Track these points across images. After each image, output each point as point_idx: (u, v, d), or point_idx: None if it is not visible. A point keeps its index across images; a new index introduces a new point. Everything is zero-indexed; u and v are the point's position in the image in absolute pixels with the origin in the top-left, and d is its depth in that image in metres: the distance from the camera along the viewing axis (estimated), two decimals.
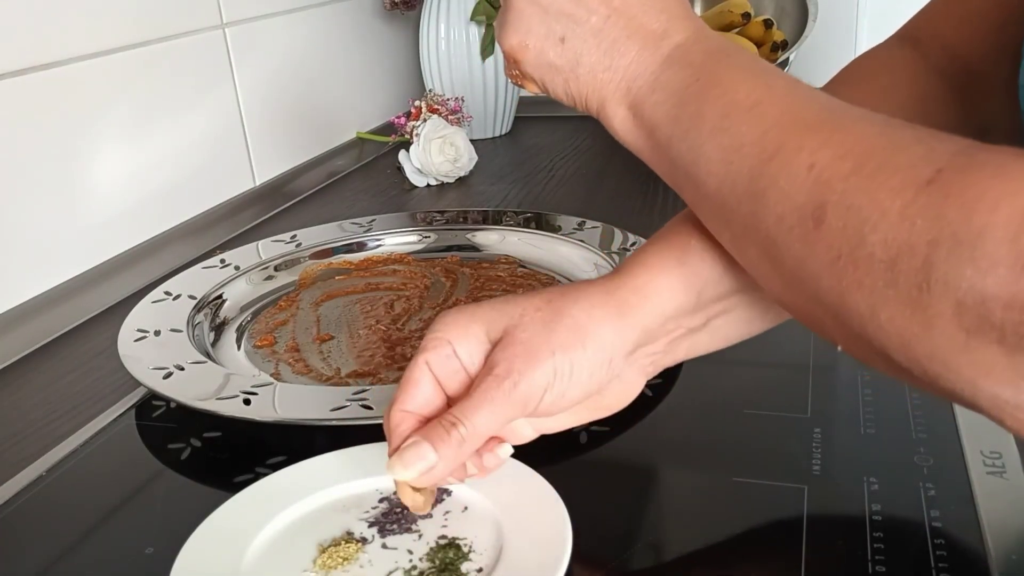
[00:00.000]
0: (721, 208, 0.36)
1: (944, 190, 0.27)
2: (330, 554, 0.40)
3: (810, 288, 0.32)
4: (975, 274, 0.26)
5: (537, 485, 0.43)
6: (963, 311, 0.27)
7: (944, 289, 0.27)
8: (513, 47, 0.41)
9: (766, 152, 0.33)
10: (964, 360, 0.28)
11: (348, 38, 1.18)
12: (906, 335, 0.29)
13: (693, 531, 0.44)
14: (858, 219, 0.29)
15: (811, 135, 0.32)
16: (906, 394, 0.52)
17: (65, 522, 0.47)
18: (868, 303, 0.30)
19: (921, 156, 0.29)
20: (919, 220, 0.28)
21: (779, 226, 0.33)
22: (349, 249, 0.79)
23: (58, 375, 0.64)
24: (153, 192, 0.85)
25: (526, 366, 0.39)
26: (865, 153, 0.30)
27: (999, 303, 0.26)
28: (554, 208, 0.90)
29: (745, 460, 0.48)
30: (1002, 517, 0.41)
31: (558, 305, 0.40)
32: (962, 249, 0.26)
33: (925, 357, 0.29)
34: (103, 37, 0.78)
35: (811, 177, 0.31)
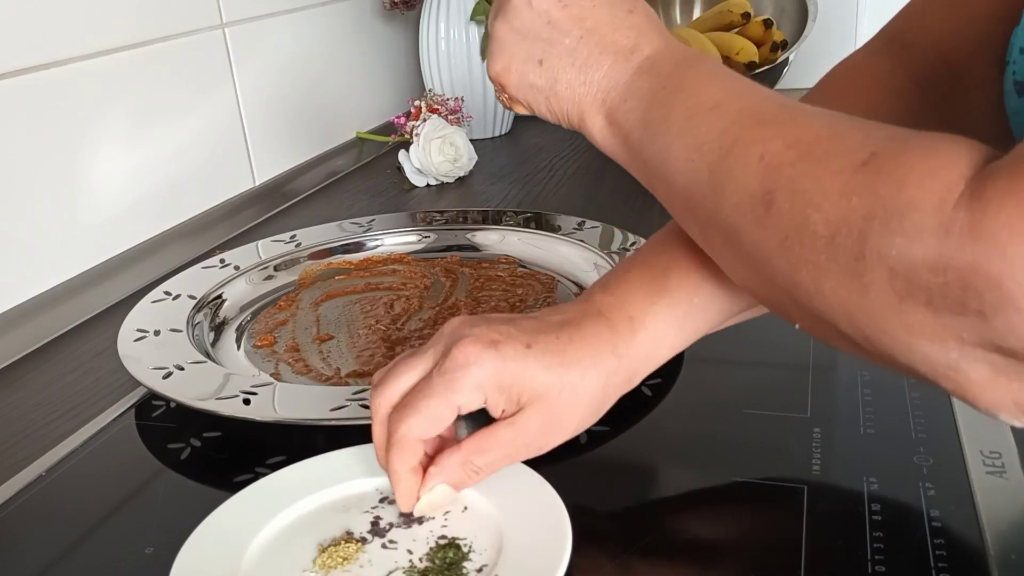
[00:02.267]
0: (688, 203, 0.38)
1: (877, 169, 0.30)
2: (330, 554, 0.40)
3: (767, 270, 0.35)
4: (904, 242, 0.29)
5: (537, 485, 0.43)
6: (895, 277, 0.29)
7: (878, 258, 0.29)
8: (498, 73, 0.44)
9: (724, 147, 0.36)
10: (898, 323, 0.30)
11: (348, 38, 1.18)
12: (848, 304, 0.31)
13: (693, 531, 0.44)
14: (802, 201, 0.32)
15: (764, 128, 0.35)
16: (906, 394, 0.52)
17: (65, 522, 0.47)
18: (813, 278, 0.32)
19: (859, 141, 0.32)
20: (855, 197, 0.30)
21: (736, 213, 0.35)
22: (349, 249, 0.79)
23: (58, 375, 0.64)
24: (153, 192, 0.85)
25: (553, 440, 0.43)
26: (811, 141, 0.33)
27: (926, 267, 0.28)
28: (554, 208, 0.90)
29: (745, 460, 0.48)
30: (1002, 517, 0.41)
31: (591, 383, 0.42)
32: (892, 221, 0.29)
33: (866, 324, 0.31)
34: (103, 37, 0.78)
35: (762, 166, 0.34)
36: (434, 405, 0.40)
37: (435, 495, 0.42)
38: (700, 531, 0.44)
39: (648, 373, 0.45)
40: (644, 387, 0.55)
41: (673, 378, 0.56)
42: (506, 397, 0.41)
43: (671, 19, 1.34)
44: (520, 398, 0.41)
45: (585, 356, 0.42)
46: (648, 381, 0.55)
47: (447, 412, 0.40)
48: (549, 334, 0.42)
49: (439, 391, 0.40)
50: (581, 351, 0.42)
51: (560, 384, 0.41)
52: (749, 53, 1.12)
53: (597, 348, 0.42)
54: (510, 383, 0.41)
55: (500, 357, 0.41)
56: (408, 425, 0.40)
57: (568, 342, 0.42)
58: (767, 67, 1.12)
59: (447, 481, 0.42)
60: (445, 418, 0.41)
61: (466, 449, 0.41)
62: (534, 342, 0.41)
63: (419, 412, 0.40)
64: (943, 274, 0.28)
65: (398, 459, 0.41)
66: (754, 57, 1.12)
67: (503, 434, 0.41)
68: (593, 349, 0.42)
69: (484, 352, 0.41)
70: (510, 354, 0.41)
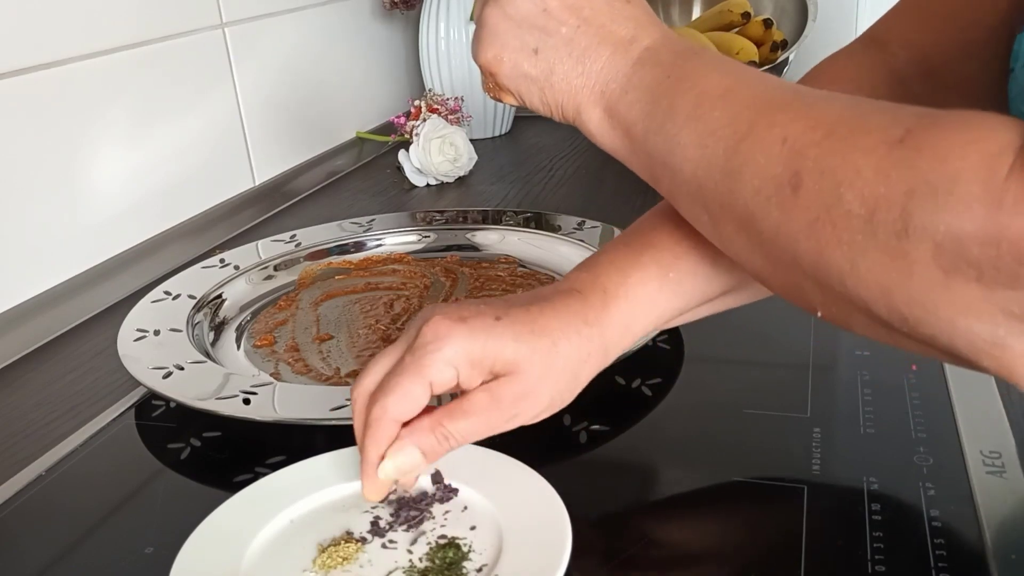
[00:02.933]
0: (699, 192, 0.38)
1: (915, 144, 0.29)
2: (330, 554, 0.40)
3: (789, 255, 0.34)
4: (951, 216, 0.28)
5: (537, 485, 0.43)
6: (941, 253, 0.28)
7: (922, 234, 0.29)
8: (488, 61, 0.42)
9: (739, 132, 0.35)
10: (944, 300, 0.29)
11: (348, 38, 1.18)
12: (886, 283, 0.30)
13: (693, 531, 0.44)
14: (833, 180, 0.31)
15: (781, 112, 0.34)
16: (906, 394, 0.52)
17: (65, 522, 0.47)
18: (848, 258, 0.31)
19: (889, 120, 0.31)
20: (893, 173, 0.29)
21: (756, 198, 0.34)
22: (349, 249, 0.79)
23: (58, 375, 0.64)
24: (153, 192, 0.85)
25: (527, 409, 0.41)
26: (835, 122, 0.32)
27: (976, 241, 0.28)
28: (554, 208, 0.90)
29: (745, 460, 0.48)
30: (1002, 517, 0.41)
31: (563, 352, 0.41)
32: (938, 195, 0.28)
33: (905, 303, 0.30)
34: (103, 37, 0.78)
35: (785, 149, 0.33)
36: (406, 382, 0.40)
37: (401, 459, 0.40)
38: (700, 531, 0.44)
39: (624, 348, 0.44)
40: (644, 387, 0.55)
41: (673, 378, 0.56)
42: (479, 370, 0.40)
43: (671, 19, 1.34)
44: (493, 368, 0.41)
45: (556, 325, 0.42)
46: (648, 381, 0.55)
47: (420, 390, 0.40)
48: (519, 307, 0.42)
49: (410, 369, 0.40)
50: (552, 320, 0.42)
51: (531, 351, 0.41)
52: (749, 53, 1.12)
53: (568, 318, 0.42)
54: (481, 355, 0.40)
55: (469, 330, 0.40)
56: (382, 405, 0.40)
57: (539, 313, 0.42)
58: (767, 67, 1.12)
59: (417, 444, 0.40)
60: (418, 396, 0.40)
61: (438, 413, 0.41)
62: (504, 315, 0.41)
63: (391, 391, 0.40)
64: (995, 246, 0.27)
65: (372, 442, 0.40)
66: (754, 57, 1.12)
67: (477, 399, 0.41)
68: (564, 319, 0.42)
69: (453, 327, 0.40)
70: (479, 327, 0.40)
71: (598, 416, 0.52)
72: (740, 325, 0.62)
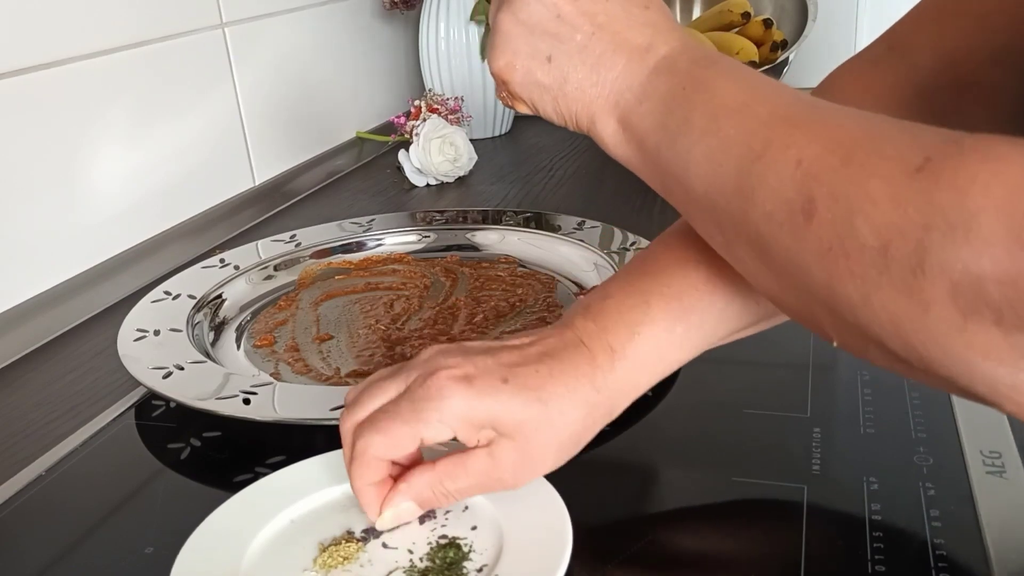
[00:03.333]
0: (711, 210, 0.36)
1: (934, 176, 0.28)
2: (330, 553, 0.40)
3: (801, 281, 0.33)
4: (970, 255, 0.26)
5: (537, 485, 0.43)
6: (959, 293, 0.27)
7: (939, 272, 0.27)
8: (501, 68, 0.41)
9: (753, 151, 0.34)
10: (961, 342, 0.28)
11: (348, 37, 1.18)
12: (901, 321, 0.29)
13: (693, 531, 0.44)
14: (848, 209, 0.30)
15: (798, 132, 0.33)
16: (906, 394, 0.52)
17: (65, 522, 0.47)
18: (861, 292, 0.30)
19: (908, 145, 0.29)
20: (910, 206, 0.28)
21: (768, 222, 0.33)
22: (349, 249, 0.79)
23: (58, 375, 0.64)
24: (153, 192, 0.85)
25: (529, 476, 0.41)
26: (852, 145, 0.31)
27: (996, 282, 0.26)
28: (554, 208, 0.90)
29: (745, 460, 0.48)
30: (1002, 517, 0.41)
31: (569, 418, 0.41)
32: (956, 232, 0.27)
33: (920, 343, 0.29)
34: (103, 37, 0.78)
35: (799, 172, 0.32)
36: (397, 428, 0.39)
37: (400, 512, 0.41)
38: (700, 531, 0.44)
39: (629, 403, 0.43)
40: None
41: (673, 378, 0.56)
42: (478, 429, 0.40)
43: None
44: (495, 428, 0.40)
45: (565, 392, 0.40)
46: None
47: (409, 440, 0.39)
48: (528, 367, 0.41)
49: (405, 416, 0.39)
50: (561, 386, 0.40)
51: (537, 420, 0.40)
52: (749, 53, 1.12)
53: (576, 383, 0.41)
54: (484, 418, 0.39)
55: (474, 392, 0.39)
56: (367, 441, 0.39)
57: (548, 376, 0.40)
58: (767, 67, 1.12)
59: (415, 500, 0.40)
60: (406, 446, 0.39)
61: (439, 471, 0.40)
62: (511, 376, 0.40)
63: (380, 431, 0.39)
64: (1016, 288, 0.26)
65: (357, 474, 0.40)
66: (754, 57, 1.12)
67: (477, 463, 0.40)
68: (573, 384, 0.41)
69: (457, 387, 0.39)
70: (485, 389, 0.39)
71: None
72: None
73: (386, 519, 0.41)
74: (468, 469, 0.40)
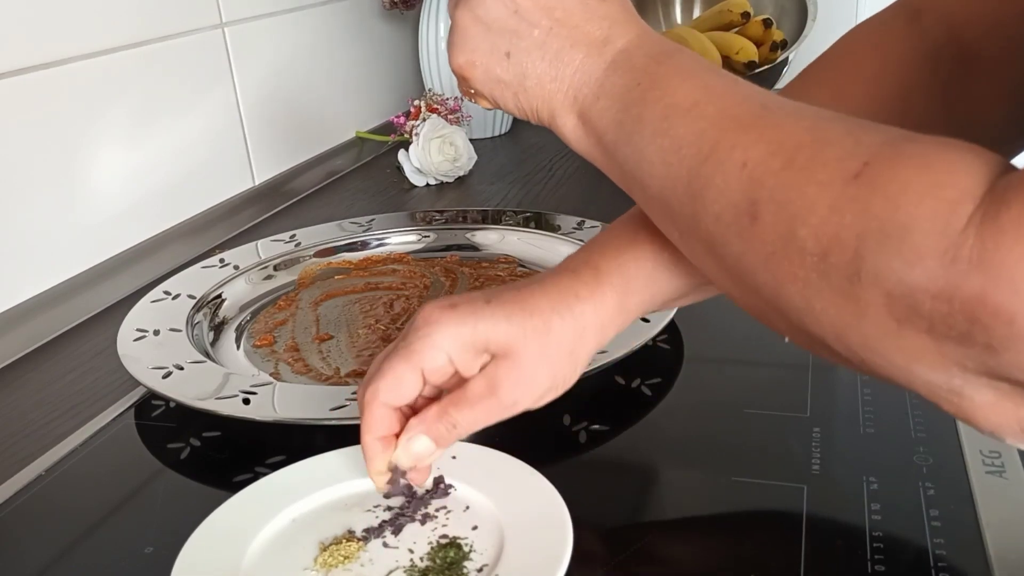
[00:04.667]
0: (666, 209, 0.37)
1: (870, 183, 0.28)
2: (331, 552, 0.40)
3: (750, 283, 0.33)
4: (903, 267, 0.26)
5: (537, 484, 0.43)
6: (893, 302, 0.27)
7: (874, 281, 0.27)
8: (461, 66, 0.41)
9: (702, 152, 0.34)
10: (896, 348, 0.28)
11: (347, 37, 1.18)
12: (840, 325, 0.29)
13: (693, 531, 0.44)
14: (789, 214, 0.30)
15: (745, 133, 0.33)
16: (906, 394, 0.52)
17: (65, 522, 0.47)
18: (802, 295, 0.30)
19: (849, 150, 0.29)
20: (847, 214, 0.28)
21: (717, 224, 0.33)
22: (348, 248, 0.79)
23: (57, 375, 0.64)
24: (152, 192, 0.85)
25: (527, 393, 0.41)
26: (795, 148, 0.31)
27: (927, 295, 0.26)
28: (554, 208, 0.90)
29: (745, 460, 0.48)
30: (1001, 517, 0.41)
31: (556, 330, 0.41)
32: (890, 242, 0.27)
33: (859, 346, 0.29)
34: (103, 37, 0.78)
35: (744, 175, 0.32)
36: (395, 366, 0.40)
37: (413, 447, 0.41)
38: (700, 531, 0.44)
39: (620, 328, 0.43)
40: (644, 387, 0.55)
41: (673, 378, 0.56)
42: (473, 353, 0.40)
43: (671, 19, 1.34)
44: (488, 349, 0.40)
45: (547, 304, 0.41)
46: (648, 381, 0.55)
47: (410, 375, 0.40)
48: (510, 290, 0.42)
49: (401, 354, 0.41)
50: (542, 300, 0.41)
51: (523, 331, 0.40)
52: (749, 53, 1.12)
53: (558, 295, 0.41)
54: (472, 338, 0.40)
55: (459, 315, 0.40)
56: (373, 388, 0.40)
57: (529, 294, 0.41)
58: (767, 67, 1.12)
59: (426, 433, 0.41)
60: (409, 381, 0.40)
61: (444, 402, 0.41)
62: (494, 298, 0.41)
63: (382, 375, 0.40)
64: (947, 303, 0.26)
65: (364, 426, 0.41)
66: (754, 57, 1.12)
67: (475, 386, 0.41)
68: (554, 296, 0.41)
69: (443, 313, 0.41)
70: (469, 311, 0.40)
71: (598, 416, 0.52)
72: (740, 325, 0.62)
73: (400, 456, 0.41)
74: (468, 396, 0.41)
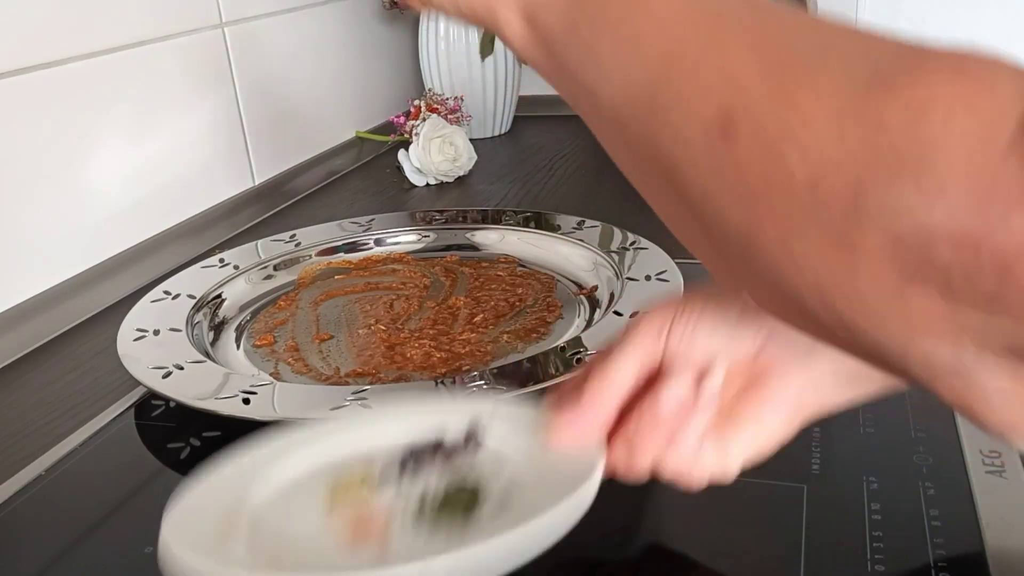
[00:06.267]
0: (620, 128, 0.30)
1: (885, 95, 0.22)
2: (342, 497, 0.38)
3: (716, 223, 0.27)
4: (918, 202, 0.21)
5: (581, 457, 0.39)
6: (900, 249, 0.21)
7: (878, 219, 0.22)
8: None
9: (670, 55, 0.28)
10: (895, 310, 0.23)
11: (347, 37, 1.18)
12: (825, 278, 0.23)
13: (692, 530, 0.44)
14: (775, 131, 0.24)
15: (725, 32, 0.27)
16: (906, 393, 0.52)
17: (65, 522, 0.47)
18: (781, 236, 0.24)
19: (858, 54, 0.24)
20: (851, 132, 0.22)
21: (683, 146, 0.27)
22: (348, 248, 0.79)
23: (57, 374, 0.64)
24: (152, 192, 0.85)
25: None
26: (790, 53, 0.25)
27: (948, 240, 0.21)
28: (554, 207, 0.90)
29: None
30: (1001, 517, 0.41)
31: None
32: (903, 170, 0.21)
33: (847, 307, 0.23)
34: (103, 37, 0.78)
35: (721, 83, 0.26)
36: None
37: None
38: (699, 531, 0.44)
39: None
40: None
41: None
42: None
43: None
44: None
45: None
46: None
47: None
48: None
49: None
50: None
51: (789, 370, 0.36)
52: None
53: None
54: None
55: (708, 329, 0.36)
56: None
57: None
58: None
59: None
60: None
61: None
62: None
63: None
64: (973, 252, 0.20)
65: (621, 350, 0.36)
66: None
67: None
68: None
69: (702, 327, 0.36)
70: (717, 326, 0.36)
71: None
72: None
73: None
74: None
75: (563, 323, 0.64)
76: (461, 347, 0.61)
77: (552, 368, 0.52)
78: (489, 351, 0.60)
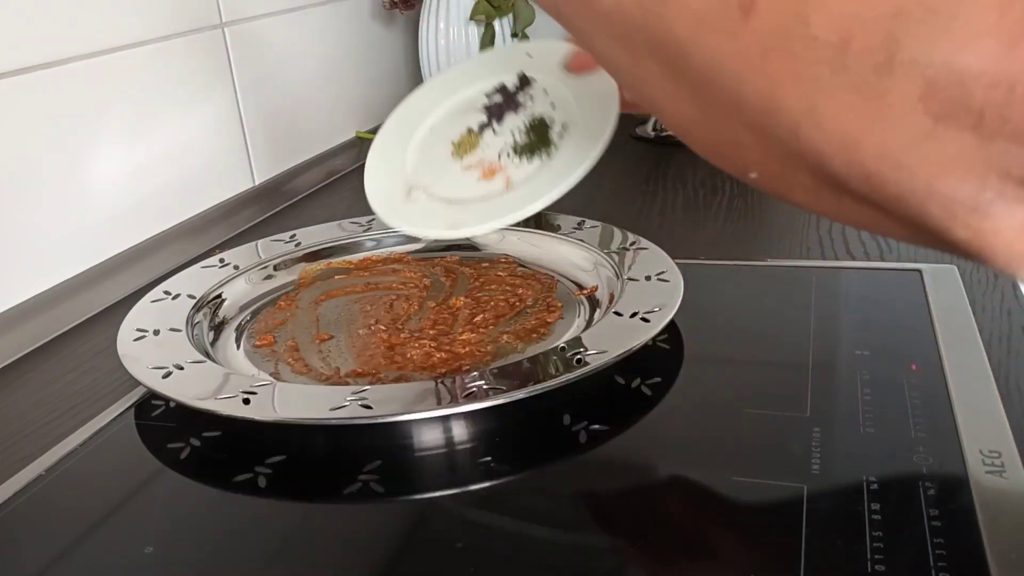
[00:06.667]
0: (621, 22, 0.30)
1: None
2: (463, 143, 0.60)
3: (728, 96, 0.27)
4: (952, 48, 0.22)
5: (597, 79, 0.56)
6: (932, 94, 0.23)
7: (911, 69, 0.23)
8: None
9: None
10: (924, 153, 0.24)
11: (347, 37, 1.18)
12: (853, 132, 0.24)
13: (692, 530, 0.44)
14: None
15: None
16: (906, 394, 0.52)
17: (64, 522, 0.47)
18: (806, 98, 0.25)
19: None
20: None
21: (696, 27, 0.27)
22: (348, 248, 0.79)
23: (57, 375, 0.64)
24: (152, 192, 0.85)
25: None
26: None
27: (981, 81, 0.22)
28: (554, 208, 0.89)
29: (744, 460, 0.48)
30: (1002, 517, 0.41)
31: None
32: (937, 18, 0.22)
33: (873, 156, 0.25)
34: (103, 36, 0.78)
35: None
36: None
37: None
38: (699, 531, 0.44)
39: None
40: (644, 387, 0.55)
41: (673, 378, 0.56)
42: None
43: None
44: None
45: None
46: (648, 381, 0.55)
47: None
48: None
49: None
50: None
51: None
52: None
53: None
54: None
55: None
56: None
57: None
58: None
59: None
60: None
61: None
62: None
63: None
64: (1008, 90, 0.21)
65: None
66: None
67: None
68: None
69: None
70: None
71: (598, 416, 0.52)
72: (740, 325, 0.62)
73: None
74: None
75: (563, 323, 0.64)
76: (461, 347, 0.61)
77: (552, 368, 0.52)
78: (489, 351, 0.60)
